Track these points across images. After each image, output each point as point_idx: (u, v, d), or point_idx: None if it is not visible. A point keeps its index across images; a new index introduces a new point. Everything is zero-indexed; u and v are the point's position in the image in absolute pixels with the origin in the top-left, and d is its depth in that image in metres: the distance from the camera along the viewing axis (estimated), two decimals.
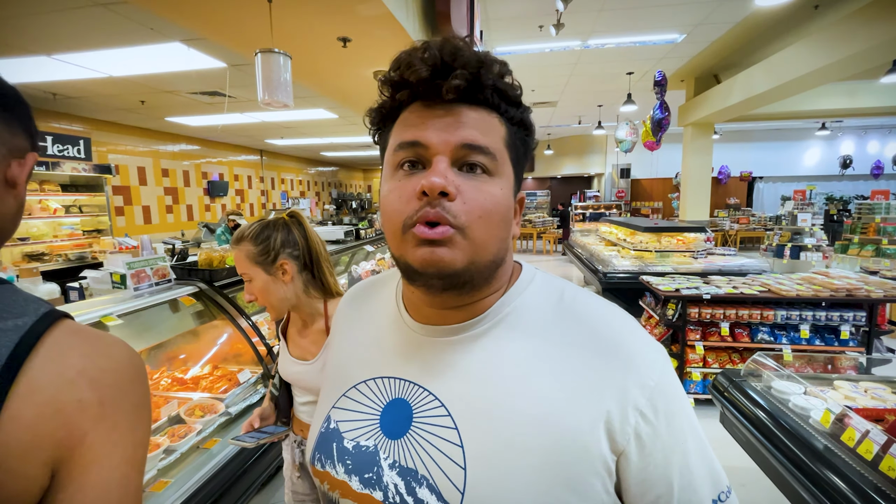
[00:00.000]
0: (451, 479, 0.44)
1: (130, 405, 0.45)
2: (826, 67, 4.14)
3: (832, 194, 11.86)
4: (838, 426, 1.34)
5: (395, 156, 0.47)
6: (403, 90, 0.47)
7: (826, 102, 6.88)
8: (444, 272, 0.44)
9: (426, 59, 0.44)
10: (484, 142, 0.45)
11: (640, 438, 0.44)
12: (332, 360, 0.62)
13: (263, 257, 1.15)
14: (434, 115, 0.45)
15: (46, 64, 3.94)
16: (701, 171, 7.18)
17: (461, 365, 0.49)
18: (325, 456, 0.53)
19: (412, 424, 0.49)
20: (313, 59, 3.50)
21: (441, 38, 0.46)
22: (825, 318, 2.85)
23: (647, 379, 0.45)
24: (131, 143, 6.96)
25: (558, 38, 4.61)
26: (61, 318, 0.45)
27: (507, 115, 0.48)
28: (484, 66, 0.45)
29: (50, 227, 5.42)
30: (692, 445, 0.46)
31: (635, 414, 0.44)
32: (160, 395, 1.77)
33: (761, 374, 1.80)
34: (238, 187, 9.66)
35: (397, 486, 0.47)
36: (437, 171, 0.43)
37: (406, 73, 0.45)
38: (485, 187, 0.45)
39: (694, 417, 0.48)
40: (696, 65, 6.08)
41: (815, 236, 5.89)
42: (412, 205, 0.44)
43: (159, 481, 1.33)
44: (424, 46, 0.45)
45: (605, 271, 4.50)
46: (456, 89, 0.44)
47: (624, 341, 0.47)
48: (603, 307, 0.51)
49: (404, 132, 0.47)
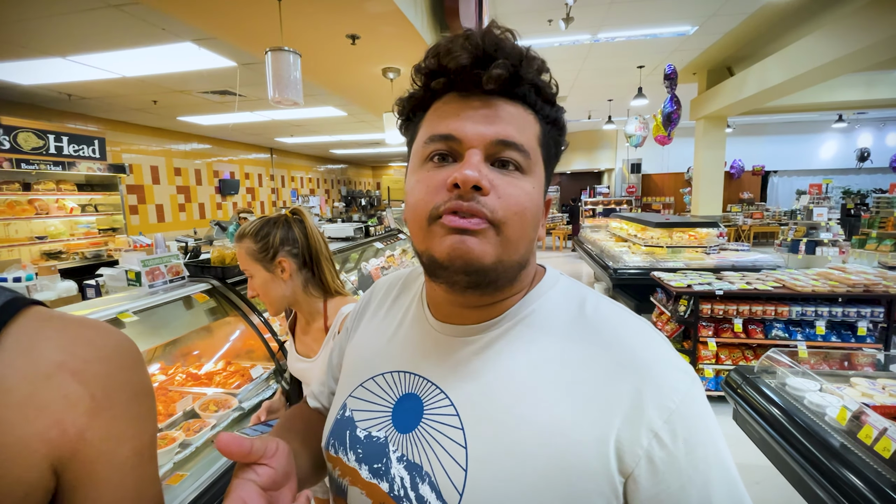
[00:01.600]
0: (452, 479, 0.44)
1: (129, 394, 0.42)
2: (843, 58, 4.04)
3: (849, 188, 11.61)
4: (855, 423, 1.32)
5: (425, 148, 0.46)
6: (440, 78, 0.45)
7: (843, 94, 6.71)
8: (472, 266, 0.42)
9: (468, 46, 0.43)
10: (520, 139, 0.44)
11: (653, 462, 0.40)
12: (354, 349, 0.62)
13: (263, 254, 1.16)
14: (470, 106, 0.44)
15: (61, 65, 4.01)
16: (713, 166, 7.07)
17: (474, 365, 0.49)
18: (339, 442, 0.53)
19: (422, 420, 0.49)
20: (322, 56, 3.51)
21: (484, 27, 0.44)
22: (842, 313, 2.80)
23: (667, 400, 0.41)
24: (144, 143, 7.06)
25: (567, 32, 4.56)
26: (29, 305, 0.40)
27: (542, 112, 0.47)
28: (525, 59, 0.44)
29: (67, 225, 5.53)
30: (717, 480, 0.41)
31: (649, 435, 0.40)
32: (175, 390, 1.80)
33: (775, 371, 1.78)
34: (249, 185, 9.75)
35: (403, 479, 0.47)
36: (471, 163, 0.42)
37: (445, 59, 0.44)
38: (519, 184, 0.44)
39: (725, 451, 0.43)
40: (709, 57, 5.98)
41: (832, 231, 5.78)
42: (441, 195, 0.43)
43: (175, 474, 1.35)
44: (466, 34, 0.44)
45: (615, 267, 4.47)
46: (497, 80, 0.42)
47: (645, 358, 0.44)
48: (628, 321, 0.48)
49: (437, 124, 0.45)
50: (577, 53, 5.45)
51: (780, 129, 11.85)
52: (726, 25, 4.82)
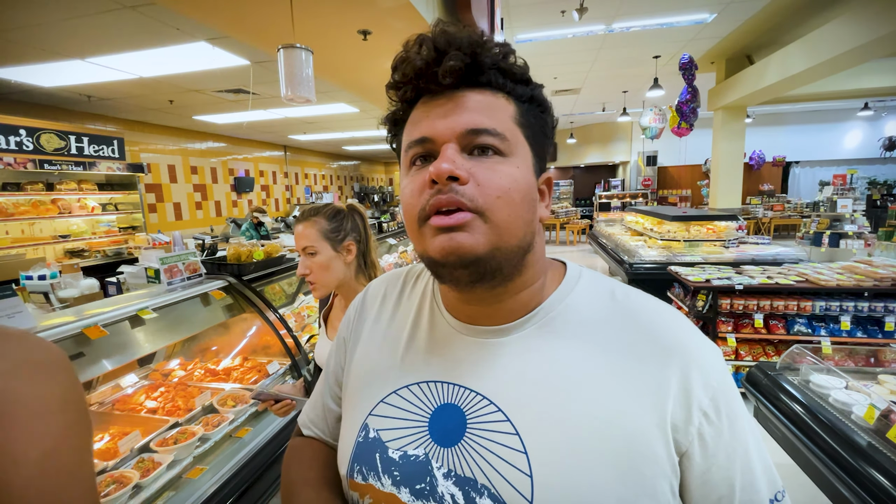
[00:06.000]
0: (517, 487, 0.42)
1: (33, 410, 0.38)
2: (869, 43, 3.89)
3: (875, 178, 11.21)
4: (883, 422, 1.28)
5: (406, 155, 0.47)
6: (406, 87, 0.46)
7: (869, 81, 6.48)
8: (466, 259, 0.42)
9: (421, 50, 0.44)
10: (490, 124, 0.44)
11: (704, 439, 0.43)
12: (361, 362, 0.58)
13: (335, 234, 1.24)
14: (437, 104, 0.45)
15: (81, 67, 4.10)
16: (732, 157, 6.90)
17: (515, 367, 0.47)
18: (368, 467, 0.49)
19: (466, 431, 0.46)
20: (334, 53, 3.51)
21: (437, 27, 0.45)
22: (868, 308, 2.71)
23: (710, 379, 0.44)
24: (161, 142, 7.18)
25: (581, 23, 4.48)
26: None
27: (514, 93, 0.46)
28: (480, 46, 0.44)
29: (89, 224, 5.67)
30: (752, 445, 0.46)
31: (699, 414, 0.43)
32: (194, 385, 1.83)
33: (799, 368, 1.73)
34: (263, 183, 9.86)
35: (454, 496, 0.44)
36: (444, 156, 0.43)
37: (403, 67, 0.45)
38: (499, 167, 0.44)
39: (751, 417, 0.47)
40: (727, 45, 5.82)
41: (857, 223, 5.60)
42: (424, 195, 0.43)
43: (195, 468, 1.38)
44: (419, 40, 0.45)
45: (631, 262, 4.40)
46: (452, 72, 0.43)
47: (684, 340, 0.46)
48: (657, 305, 0.49)
49: (413, 130, 0.46)
50: (590, 45, 5.35)
51: (803, 119, 11.49)
52: (746, 12, 4.68)
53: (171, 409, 1.62)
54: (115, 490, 1.16)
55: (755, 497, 0.44)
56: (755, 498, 0.44)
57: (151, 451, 1.37)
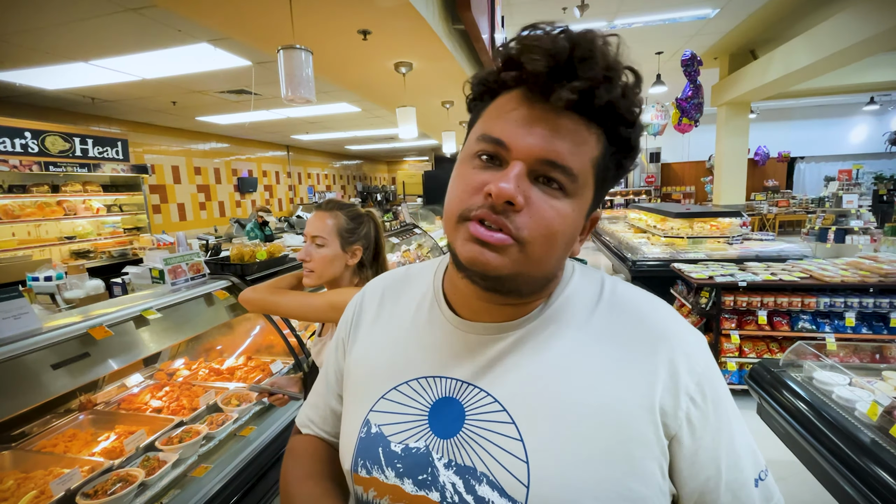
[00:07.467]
0: (514, 473, 0.44)
1: None
2: (875, 37, 3.86)
3: (881, 173, 11.10)
4: (887, 419, 1.27)
5: (476, 144, 0.45)
6: (512, 71, 0.43)
7: (875, 75, 6.42)
8: (489, 275, 0.43)
9: (551, 50, 0.40)
10: (569, 162, 0.41)
11: (692, 423, 0.45)
12: (360, 360, 0.58)
13: (348, 235, 1.25)
14: (531, 114, 0.42)
15: (84, 69, 4.12)
16: (736, 153, 6.86)
17: (512, 360, 0.49)
18: (371, 461, 0.51)
19: (465, 422, 0.48)
20: (334, 53, 3.52)
21: (584, 30, 0.41)
22: (873, 304, 2.69)
23: (695, 365, 0.46)
24: (165, 143, 7.22)
25: (583, 20, 4.46)
26: None
27: (610, 133, 0.43)
28: (610, 80, 0.40)
29: (94, 225, 5.71)
30: (736, 427, 0.48)
31: (686, 399, 0.45)
32: (199, 384, 1.85)
33: (802, 365, 1.73)
34: (266, 183, 9.90)
35: (455, 485, 0.46)
36: (509, 176, 0.41)
37: (523, 55, 0.41)
38: (556, 204, 0.42)
39: (733, 400, 0.49)
40: (731, 41, 5.78)
41: (863, 218, 5.56)
42: (475, 199, 0.43)
43: (200, 466, 1.39)
44: (556, 34, 0.41)
45: (634, 259, 4.39)
46: (565, 101, 0.40)
47: (670, 328, 0.48)
48: (643, 296, 0.52)
49: (493, 123, 0.44)
50: None
51: (807, 114, 11.40)
52: (749, 7, 4.65)
53: (175, 409, 1.63)
54: (122, 489, 1.17)
55: (740, 476, 0.47)
56: (740, 476, 0.47)
57: (157, 449, 1.38)
